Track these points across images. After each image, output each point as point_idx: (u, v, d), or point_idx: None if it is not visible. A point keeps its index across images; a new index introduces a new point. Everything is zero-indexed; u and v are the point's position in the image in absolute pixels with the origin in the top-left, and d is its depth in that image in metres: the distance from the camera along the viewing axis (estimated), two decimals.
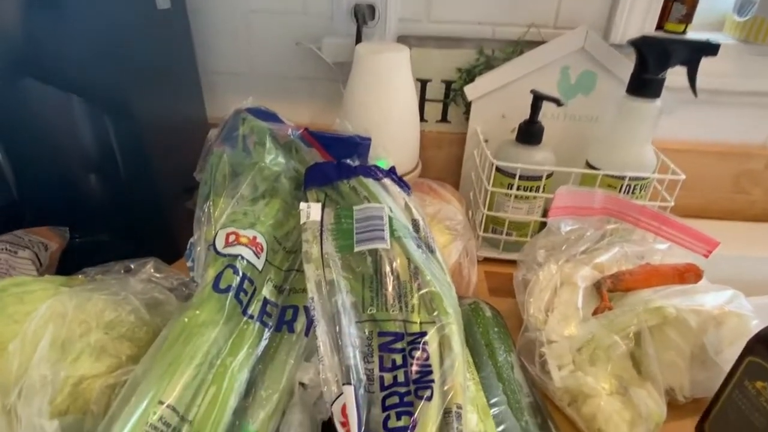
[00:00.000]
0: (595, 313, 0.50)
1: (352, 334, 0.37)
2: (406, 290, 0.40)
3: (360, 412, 0.32)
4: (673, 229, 0.59)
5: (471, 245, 0.62)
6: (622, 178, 0.62)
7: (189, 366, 0.32)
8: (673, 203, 0.63)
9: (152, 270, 0.46)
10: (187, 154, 0.62)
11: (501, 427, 0.40)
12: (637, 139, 0.64)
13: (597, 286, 0.52)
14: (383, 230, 0.42)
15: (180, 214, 0.69)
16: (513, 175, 0.63)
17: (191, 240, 0.55)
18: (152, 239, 0.65)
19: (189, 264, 0.53)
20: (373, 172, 0.49)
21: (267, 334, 0.39)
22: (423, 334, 0.37)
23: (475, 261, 0.61)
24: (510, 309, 0.58)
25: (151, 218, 0.65)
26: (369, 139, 0.53)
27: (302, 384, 0.39)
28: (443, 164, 0.81)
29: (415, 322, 0.38)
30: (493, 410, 0.41)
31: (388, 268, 0.41)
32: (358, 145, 0.53)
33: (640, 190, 0.64)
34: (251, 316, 0.38)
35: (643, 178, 0.63)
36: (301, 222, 0.44)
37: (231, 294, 0.37)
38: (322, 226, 0.44)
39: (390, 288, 0.40)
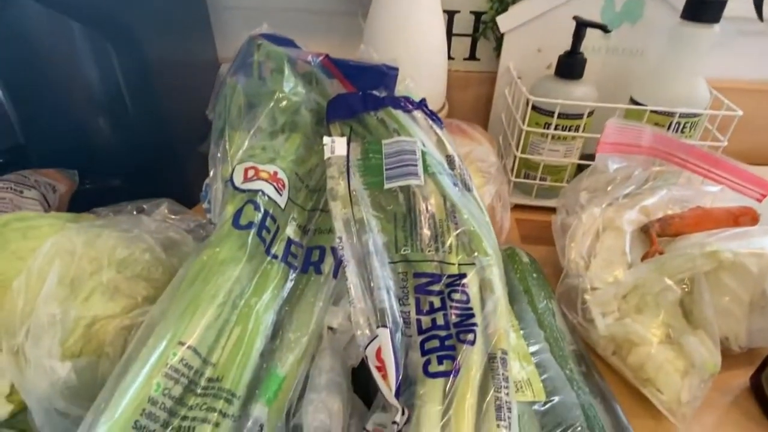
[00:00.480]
0: (644, 257, 0.46)
1: (384, 275, 0.34)
2: (442, 229, 0.36)
3: (397, 355, 0.29)
4: (725, 171, 0.54)
5: (504, 189, 0.57)
6: (672, 114, 0.57)
7: (210, 305, 0.29)
8: (726, 143, 0.58)
9: (166, 211, 0.43)
10: (198, 97, 0.58)
11: (545, 376, 0.37)
12: (690, 71, 0.58)
13: (645, 230, 0.48)
14: (416, 165, 0.38)
15: (194, 159, 0.66)
16: (551, 113, 0.57)
17: (206, 181, 0.52)
18: (165, 185, 0.61)
19: (205, 206, 0.49)
20: (403, 104, 0.44)
21: (293, 275, 0.36)
22: (462, 276, 0.34)
23: (509, 206, 0.56)
24: (543, 257, 0.54)
25: (164, 163, 0.62)
26: (396, 69, 0.48)
27: (331, 328, 0.36)
28: (470, 106, 0.75)
29: (453, 264, 0.35)
30: (534, 358, 0.38)
31: (422, 206, 0.37)
32: (385, 76, 0.48)
33: (690, 129, 0.59)
34: (275, 256, 0.35)
35: (695, 115, 0.57)
36: (326, 157, 0.40)
37: (253, 231, 0.34)
38: (348, 161, 0.40)
39: (425, 227, 0.36)
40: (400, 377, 0.29)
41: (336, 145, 0.40)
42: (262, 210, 0.36)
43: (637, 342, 0.42)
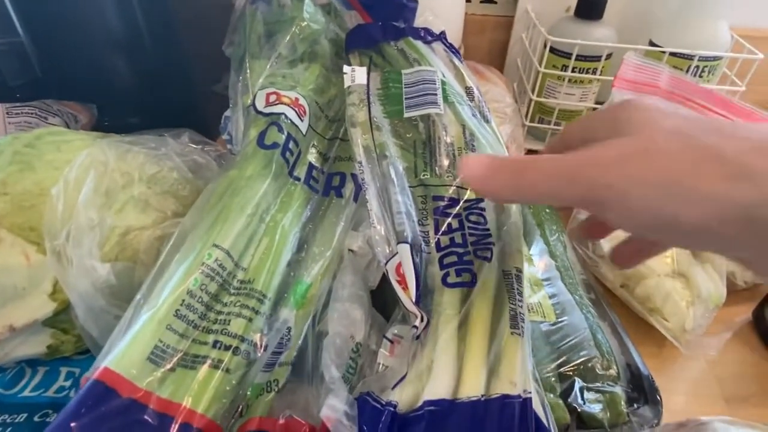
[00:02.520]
0: None
1: (404, 199, 0.35)
2: (461, 157, 0.37)
3: (417, 267, 0.31)
4: (743, 117, 0.54)
5: (518, 131, 0.58)
6: (691, 57, 0.56)
7: (240, 215, 0.30)
8: (744, 88, 0.57)
9: (187, 140, 0.44)
10: (213, 36, 0.58)
11: (555, 300, 0.39)
12: (712, 12, 0.57)
13: None
14: (436, 94, 0.39)
15: (209, 98, 0.66)
16: (569, 55, 0.57)
17: (225, 113, 0.52)
18: (181, 124, 0.62)
19: (225, 137, 0.50)
20: (423, 35, 0.44)
21: (315, 197, 0.37)
22: (479, 200, 0.35)
23: (523, 148, 0.57)
24: None
25: (180, 101, 0.62)
26: (416, 2, 0.48)
27: (351, 251, 0.38)
28: (485, 52, 0.74)
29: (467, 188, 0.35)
30: (545, 284, 0.40)
31: (441, 134, 0.38)
32: (404, 8, 0.47)
33: (709, 73, 0.58)
34: (297, 178, 0.36)
35: (715, 59, 0.57)
36: (346, 86, 0.40)
37: (278, 151, 0.35)
38: (368, 90, 0.40)
39: (444, 155, 0.37)
40: (420, 287, 0.30)
41: (356, 74, 0.41)
42: (285, 132, 0.36)
43: (645, 274, 0.44)
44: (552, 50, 0.58)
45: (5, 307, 0.29)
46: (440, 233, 0.34)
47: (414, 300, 0.30)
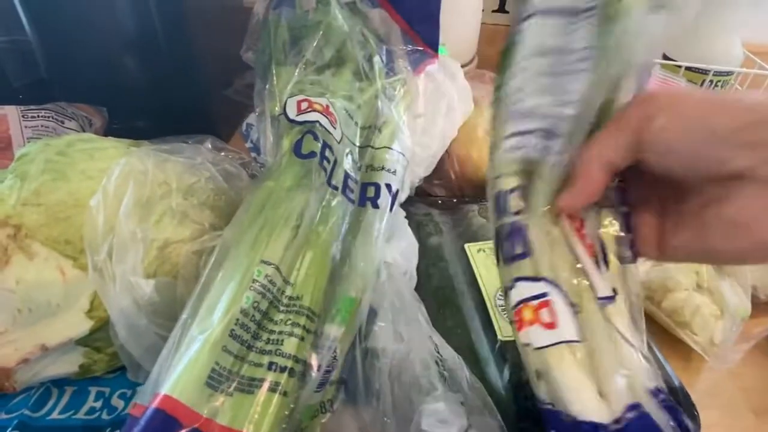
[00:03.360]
0: None
1: None
2: None
3: None
4: None
5: None
6: (706, 72, 0.57)
7: (285, 228, 0.29)
8: None
9: (210, 147, 0.42)
10: (225, 41, 0.56)
11: None
12: (725, 27, 0.58)
13: None
14: None
15: (220, 103, 0.64)
16: None
17: (247, 120, 0.51)
18: (191, 128, 0.61)
19: (249, 145, 0.49)
20: None
21: (351, 208, 0.36)
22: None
23: None
24: None
25: (191, 105, 0.60)
26: None
27: (386, 262, 0.37)
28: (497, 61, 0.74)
29: None
30: None
31: None
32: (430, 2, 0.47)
33: (722, 87, 0.59)
34: (335, 187, 0.35)
35: (728, 73, 0.58)
36: None
37: (315, 160, 0.34)
38: None
39: None
40: None
41: None
42: (321, 140, 0.35)
43: (671, 287, 0.44)
44: None
45: (37, 325, 0.28)
46: None
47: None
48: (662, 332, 0.44)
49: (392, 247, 0.38)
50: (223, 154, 0.43)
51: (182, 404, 0.22)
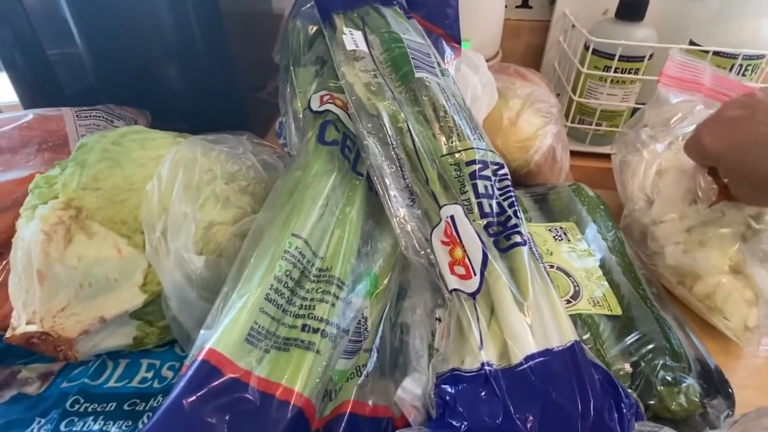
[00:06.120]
0: (712, 204, 0.45)
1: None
2: (473, 122, 0.37)
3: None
4: None
5: (563, 131, 0.58)
6: (735, 56, 0.56)
7: (314, 206, 0.31)
8: None
9: (247, 142, 0.45)
10: (257, 44, 0.59)
11: (618, 293, 0.39)
12: (753, 11, 0.57)
13: (713, 174, 0.48)
14: (434, 62, 0.39)
15: (254, 104, 0.68)
16: (611, 56, 0.57)
17: (280, 119, 0.53)
18: (229, 128, 0.64)
19: (282, 141, 0.51)
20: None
21: (372, 194, 0.37)
22: (501, 165, 0.34)
23: (568, 147, 0.57)
24: None
25: (227, 107, 0.63)
26: None
27: None
28: (521, 56, 0.75)
29: (492, 151, 0.35)
30: (608, 278, 0.40)
31: (443, 101, 0.36)
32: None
33: (752, 72, 0.58)
34: (360, 174, 0.37)
35: (759, 57, 0.57)
36: (349, 49, 0.38)
37: (338, 148, 0.36)
38: (372, 56, 0.38)
39: (465, 119, 0.36)
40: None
41: (356, 38, 0.39)
42: (341, 131, 0.37)
43: (703, 272, 0.44)
44: (594, 52, 0.59)
45: (97, 299, 0.30)
46: (481, 197, 0.32)
47: (481, 259, 0.29)
48: (696, 315, 0.44)
49: None
50: (258, 149, 0.46)
51: (225, 357, 0.24)
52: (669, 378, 0.34)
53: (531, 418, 0.24)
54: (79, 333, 0.30)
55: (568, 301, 0.38)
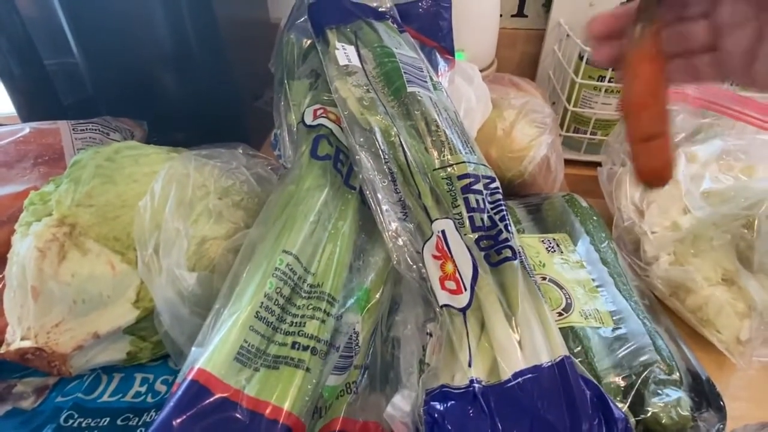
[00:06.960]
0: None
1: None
2: (465, 136, 0.37)
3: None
4: None
5: (557, 140, 0.58)
6: None
7: (305, 222, 0.31)
8: None
9: (241, 153, 0.45)
10: (253, 54, 0.59)
11: (612, 307, 0.39)
12: None
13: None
14: (426, 77, 0.40)
15: (250, 114, 0.68)
16: (605, 66, 0.58)
17: (275, 130, 0.54)
18: (225, 138, 0.64)
19: (277, 152, 0.52)
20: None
21: (365, 207, 0.38)
22: (492, 179, 0.35)
23: (562, 156, 0.58)
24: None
25: (224, 117, 0.64)
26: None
27: None
28: (516, 65, 0.76)
29: (484, 164, 0.35)
30: (600, 290, 0.40)
31: (442, 116, 0.37)
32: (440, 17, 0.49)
33: None
34: (353, 187, 0.37)
35: None
36: (342, 64, 0.38)
37: (330, 162, 0.36)
38: (365, 70, 0.39)
39: (458, 133, 0.36)
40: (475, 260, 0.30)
41: (348, 53, 0.39)
42: (334, 146, 0.37)
43: (696, 283, 0.44)
44: (588, 62, 0.59)
45: (90, 315, 0.31)
46: (473, 211, 0.32)
47: (472, 274, 0.30)
48: (688, 326, 0.44)
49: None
50: (253, 161, 0.46)
51: (214, 376, 0.24)
52: (660, 392, 0.34)
53: None
54: (73, 348, 0.30)
55: (560, 314, 0.38)
